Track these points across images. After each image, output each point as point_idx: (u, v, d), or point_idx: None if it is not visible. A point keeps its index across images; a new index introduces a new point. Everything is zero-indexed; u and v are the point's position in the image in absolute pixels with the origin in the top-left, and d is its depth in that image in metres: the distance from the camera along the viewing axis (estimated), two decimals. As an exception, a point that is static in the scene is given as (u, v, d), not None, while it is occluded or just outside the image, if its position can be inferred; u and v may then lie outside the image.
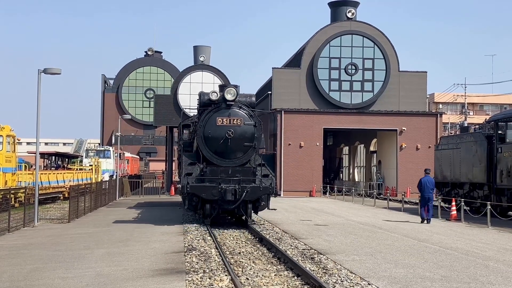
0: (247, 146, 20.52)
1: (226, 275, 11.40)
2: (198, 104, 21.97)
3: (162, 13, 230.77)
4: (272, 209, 21.51)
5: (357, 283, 10.71)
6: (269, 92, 45.69)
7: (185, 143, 23.47)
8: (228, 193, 19.58)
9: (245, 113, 20.65)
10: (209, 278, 11.08)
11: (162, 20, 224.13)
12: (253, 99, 21.90)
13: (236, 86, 21.12)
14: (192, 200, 20.21)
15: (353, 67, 45.15)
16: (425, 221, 22.09)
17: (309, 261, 13.18)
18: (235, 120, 20.34)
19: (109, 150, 55.34)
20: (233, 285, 10.54)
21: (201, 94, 21.56)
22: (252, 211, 20.61)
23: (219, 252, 14.18)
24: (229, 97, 20.41)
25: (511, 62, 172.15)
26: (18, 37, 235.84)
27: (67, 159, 52.47)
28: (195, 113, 23.47)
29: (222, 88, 21.20)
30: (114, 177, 45.47)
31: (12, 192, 22.75)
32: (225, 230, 19.43)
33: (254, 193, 19.91)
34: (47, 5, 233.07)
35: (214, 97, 20.59)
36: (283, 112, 43.25)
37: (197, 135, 20.83)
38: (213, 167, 20.54)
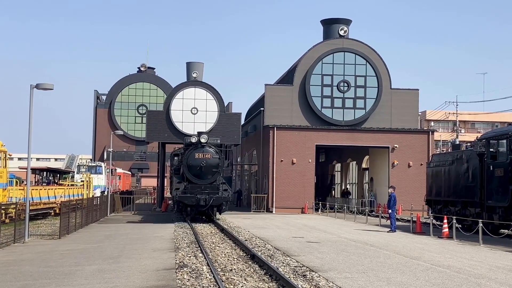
0: (214, 171, 31.21)
1: (217, 293, 11.39)
2: (183, 144, 33.41)
3: (155, 29, 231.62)
4: (227, 211, 34.75)
5: (349, 301, 10.66)
6: (262, 109, 45.78)
7: (175, 168, 34.49)
8: (201, 200, 30.15)
9: (213, 150, 31.49)
10: (201, 296, 11.06)
11: (155, 36, 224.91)
12: (219, 141, 33.28)
13: (208, 132, 35.12)
14: (179, 205, 31.42)
15: (345, 84, 45.33)
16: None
17: (301, 278, 13.13)
18: (207, 155, 31.17)
19: (101, 166, 55.13)
20: (224, 303, 10.52)
21: (185, 139, 33.60)
22: (217, 212, 31.66)
23: (210, 269, 14.10)
24: (203, 140, 31.29)
25: (502, 80, 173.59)
26: (10, 51, 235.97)
27: (58, 175, 52.11)
28: (189, 135, 33.91)
29: (200, 134, 31.98)
30: (106, 193, 45.26)
31: (2, 207, 22.58)
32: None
33: (218, 200, 30.60)
34: (39, 20, 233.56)
35: (194, 140, 31.51)
36: (275, 128, 43.31)
37: (183, 164, 31.66)
38: (192, 184, 31.13)
